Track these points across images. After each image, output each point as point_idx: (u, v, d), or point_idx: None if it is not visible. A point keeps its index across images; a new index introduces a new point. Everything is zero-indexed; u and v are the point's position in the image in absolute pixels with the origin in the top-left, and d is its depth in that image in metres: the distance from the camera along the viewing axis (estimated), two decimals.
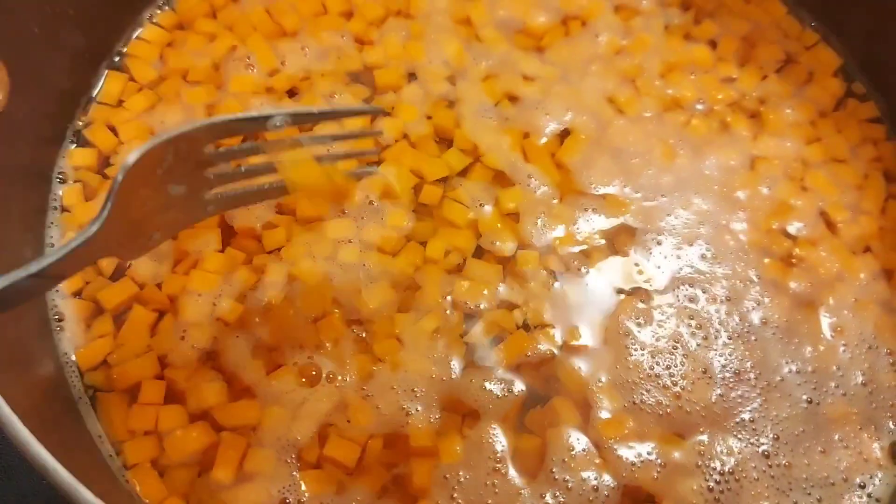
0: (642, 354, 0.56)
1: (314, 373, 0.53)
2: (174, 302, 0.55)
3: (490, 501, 0.51)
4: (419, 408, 0.53)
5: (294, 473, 0.50)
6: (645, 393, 0.55)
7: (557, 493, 0.51)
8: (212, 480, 0.49)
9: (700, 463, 0.53)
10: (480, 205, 0.60)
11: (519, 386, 0.54)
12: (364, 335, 0.55)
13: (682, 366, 0.56)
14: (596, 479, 0.51)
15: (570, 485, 0.51)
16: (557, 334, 0.56)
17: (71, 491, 0.36)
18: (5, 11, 0.52)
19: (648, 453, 0.53)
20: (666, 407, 0.54)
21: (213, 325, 0.54)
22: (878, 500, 0.53)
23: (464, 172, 0.61)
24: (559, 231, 0.60)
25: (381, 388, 0.53)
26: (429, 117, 0.63)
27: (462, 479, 0.51)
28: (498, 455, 0.52)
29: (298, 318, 0.55)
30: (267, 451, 0.51)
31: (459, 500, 0.51)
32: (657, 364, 0.56)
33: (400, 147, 0.62)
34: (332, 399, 0.52)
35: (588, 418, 0.53)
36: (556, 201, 0.61)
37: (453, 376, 0.54)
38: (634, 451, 0.52)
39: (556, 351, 0.55)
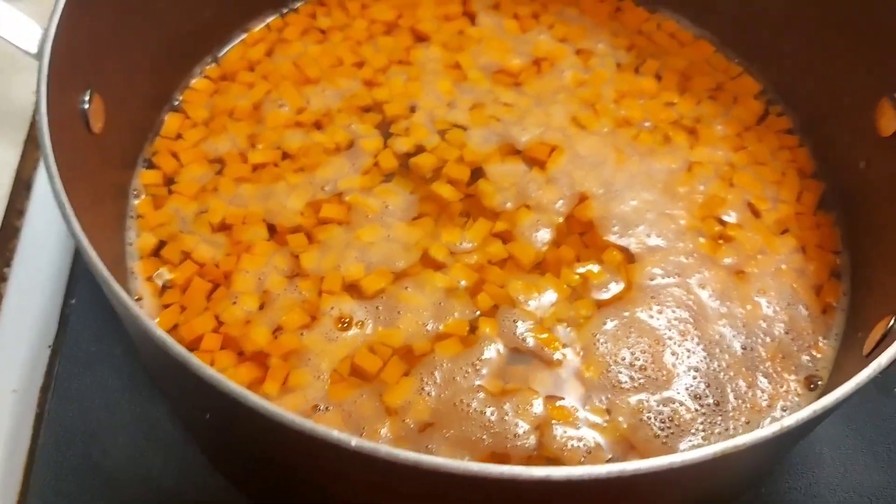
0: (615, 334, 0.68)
1: (347, 321, 0.67)
2: (227, 277, 0.70)
3: (458, 378, 0.65)
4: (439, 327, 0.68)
5: (325, 387, 0.64)
6: (620, 374, 0.67)
7: (492, 416, 0.63)
8: (262, 392, 0.63)
9: (643, 418, 0.65)
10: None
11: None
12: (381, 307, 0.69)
13: (640, 341, 0.68)
14: (524, 433, 0.63)
15: (506, 417, 0.63)
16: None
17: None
18: (104, 61, 0.68)
19: (580, 439, 0.63)
20: (639, 379, 0.67)
21: (260, 295, 0.69)
22: None
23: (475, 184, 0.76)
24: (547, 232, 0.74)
25: (407, 323, 0.68)
26: (440, 136, 0.79)
27: (445, 364, 0.65)
28: (484, 360, 0.66)
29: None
30: (305, 370, 0.65)
31: (436, 374, 0.65)
32: (622, 346, 0.68)
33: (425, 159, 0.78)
34: (361, 340, 0.67)
35: (555, 394, 0.65)
36: (544, 200, 0.75)
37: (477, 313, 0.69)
38: (569, 435, 0.63)
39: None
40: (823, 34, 0.78)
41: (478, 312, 0.69)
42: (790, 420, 0.44)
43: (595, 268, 0.72)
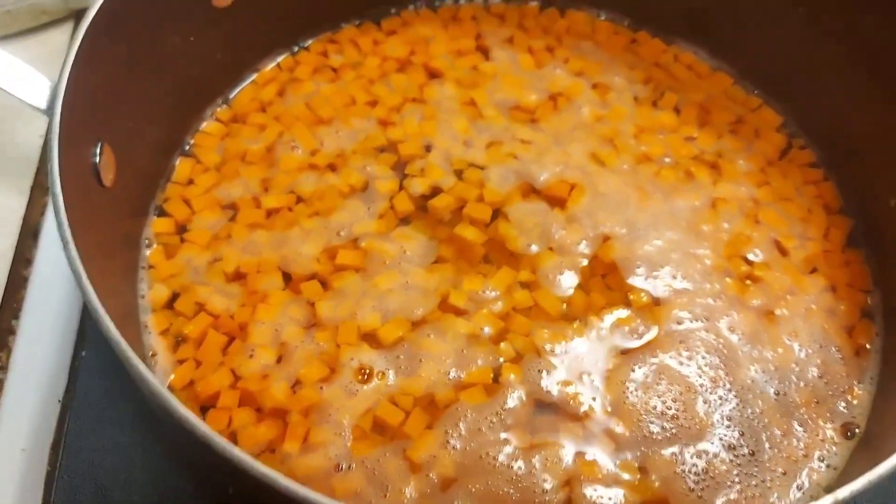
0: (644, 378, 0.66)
1: (367, 372, 0.65)
2: (243, 329, 0.68)
3: (482, 428, 0.63)
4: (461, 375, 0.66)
5: (347, 444, 0.62)
6: (651, 424, 0.65)
7: (519, 470, 0.61)
8: (281, 452, 0.61)
9: (677, 471, 0.63)
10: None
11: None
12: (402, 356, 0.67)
13: (670, 389, 0.66)
14: (552, 489, 0.61)
15: (534, 471, 0.61)
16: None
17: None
18: (114, 111, 0.67)
19: (610, 498, 0.61)
20: (671, 429, 0.65)
21: (277, 347, 0.67)
22: (835, 469, 0.63)
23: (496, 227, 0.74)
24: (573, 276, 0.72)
25: (429, 371, 0.66)
26: (457, 176, 0.77)
27: (469, 415, 0.63)
28: (508, 410, 0.64)
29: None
30: (326, 427, 0.63)
31: (460, 426, 0.63)
32: (652, 395, 0.65)
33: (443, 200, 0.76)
34: (382, 391, 0.65)
35: (585, 448, 0.63)
36: (567, 241, 0.73)
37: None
38: (599, 493, 0.61)
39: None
40: (845, 68, 0.76)
41: (501, 360, 0.67)
42: (844, 492, 0.42)
43: (623, 313, 0.69)
